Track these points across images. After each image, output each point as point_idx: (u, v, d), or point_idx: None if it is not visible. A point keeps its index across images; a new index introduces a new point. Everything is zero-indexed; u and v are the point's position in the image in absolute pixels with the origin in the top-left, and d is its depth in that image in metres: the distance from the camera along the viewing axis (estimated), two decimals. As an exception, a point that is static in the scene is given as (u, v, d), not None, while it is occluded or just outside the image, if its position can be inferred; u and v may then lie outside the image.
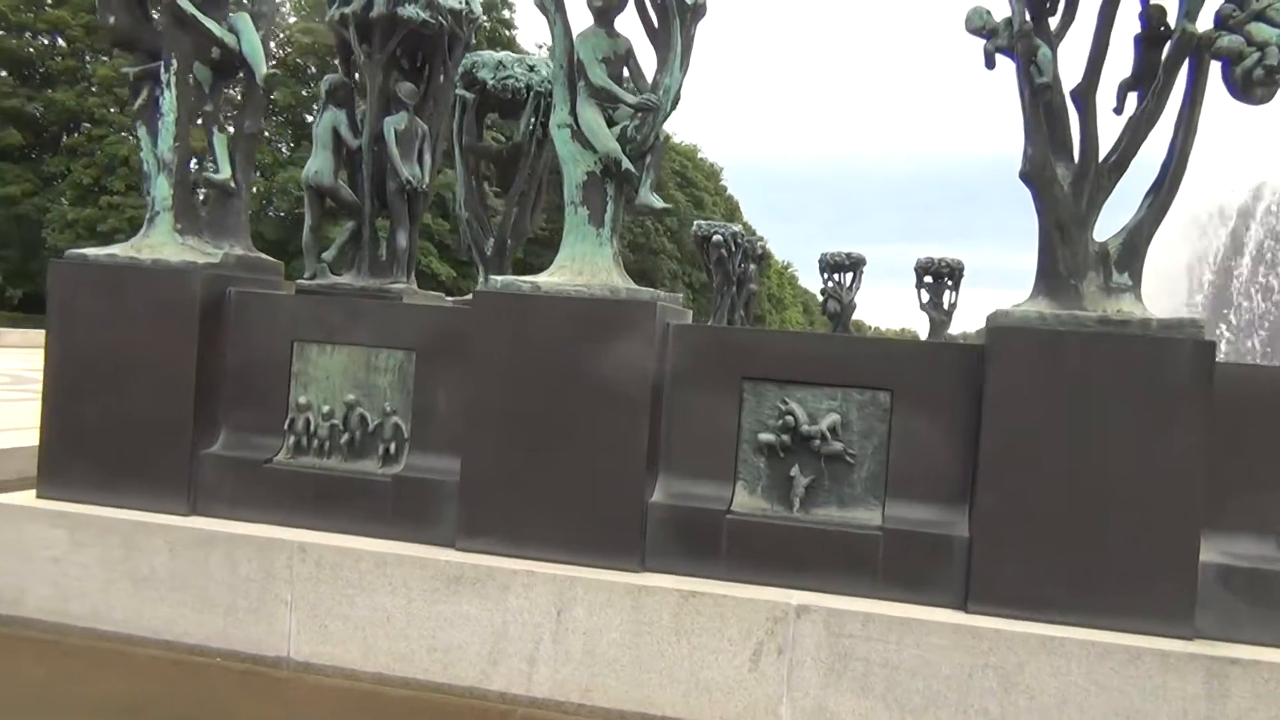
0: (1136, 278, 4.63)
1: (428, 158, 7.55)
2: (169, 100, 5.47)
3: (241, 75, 5.75)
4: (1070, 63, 4.75)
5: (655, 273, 65.69)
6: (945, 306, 24.36)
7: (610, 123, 5.16)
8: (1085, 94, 4.62)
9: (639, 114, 5.08)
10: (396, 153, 7.34)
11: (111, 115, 48.81)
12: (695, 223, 22.03)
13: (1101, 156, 4.63)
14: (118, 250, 5.43)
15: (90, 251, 5.48)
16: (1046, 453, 4.36)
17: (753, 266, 22.68)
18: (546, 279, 4.98)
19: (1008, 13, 4.71)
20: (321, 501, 5.17)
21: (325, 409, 5.32)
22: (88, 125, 50.46)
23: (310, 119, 46.65)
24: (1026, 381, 4.41)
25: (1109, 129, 4.71)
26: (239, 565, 5.00)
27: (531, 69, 9.29)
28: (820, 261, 24.53)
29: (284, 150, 52.39)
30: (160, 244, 5.43)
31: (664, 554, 4.78)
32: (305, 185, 7.68)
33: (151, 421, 5.29)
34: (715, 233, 20.65)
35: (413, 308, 5.52)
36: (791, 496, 4.78)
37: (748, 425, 4.88)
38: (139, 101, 5.71)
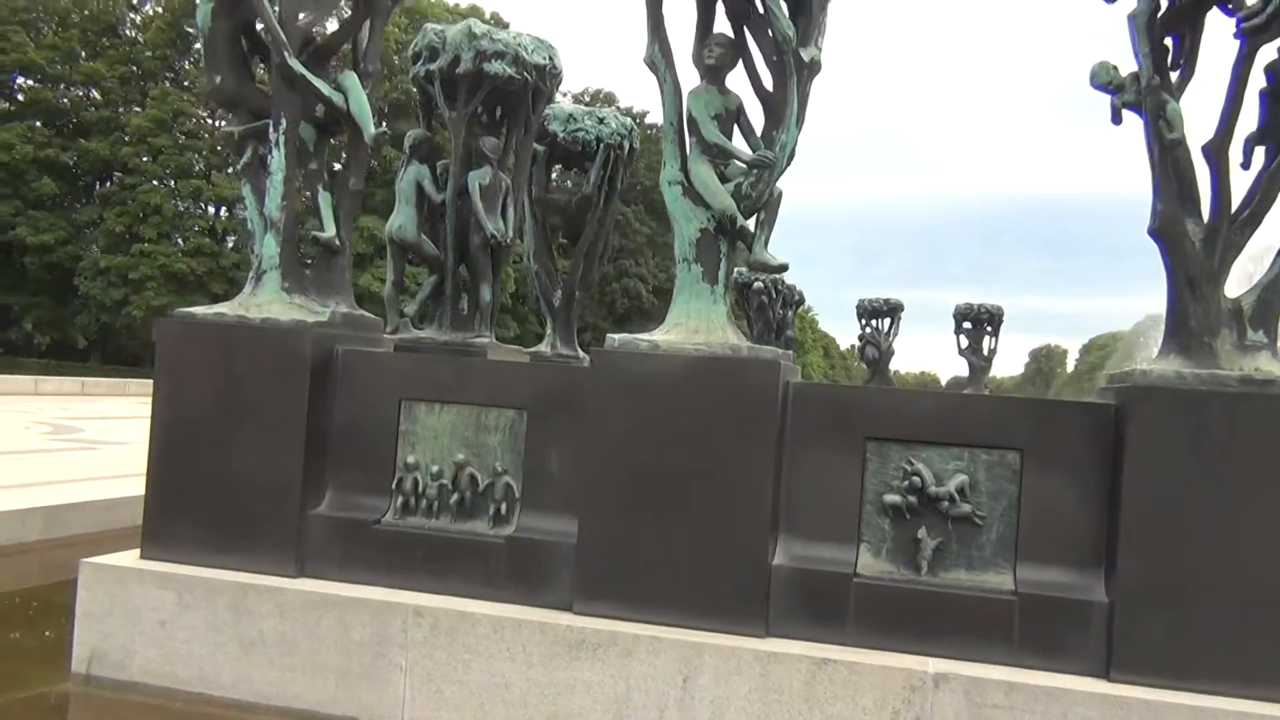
0: (1272, 335, 4.55)
1: (510, 212, 7.58)
2: (278, 159, 5.48)
3: (346, 133, 5.75)
4: (1192, 117, 4.72)
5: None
6: (985, 352, 24.25)
7: (722, 179, 5.14)
8: (1218, 150, 4.57)
9: (754, 171, 5.05)
10: (481, 207, 7.36)
11: (144, 165, 49.50)
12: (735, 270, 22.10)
13: (1232, 212, 4.57)
14: (225, 309, 5.42)
15: (198, 310, 5.48)
16: (1192, 516, 4.26)
17: (790, 313, 22.67)
18: (663, 337, 4.93)
19: (1133, 67, 4.68)
20: (432, 563, 5.09)
21: (434, 468, 5.26)
22: (120, 174, 51.12)
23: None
24: (1169, 443, 4.32)
25: (1238, 184, 4.67)
26: (351, 629, 4.92)
27: (601, 121, 9.33)
28: (858, 308, 24.52)
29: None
30: (268, 302, 5.42)
31: (789, 618, 4.68)
32: (389, 240, 7.71)
33: (260, 481, 5.25)
34: (755, 280, 20.65)
35: (523, 366, 5.49)
36: (919, 559, 4.68)
37: (871, 486, 4.79)
38: (244, 160, 5.74)
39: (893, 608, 4.60)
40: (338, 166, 6.07)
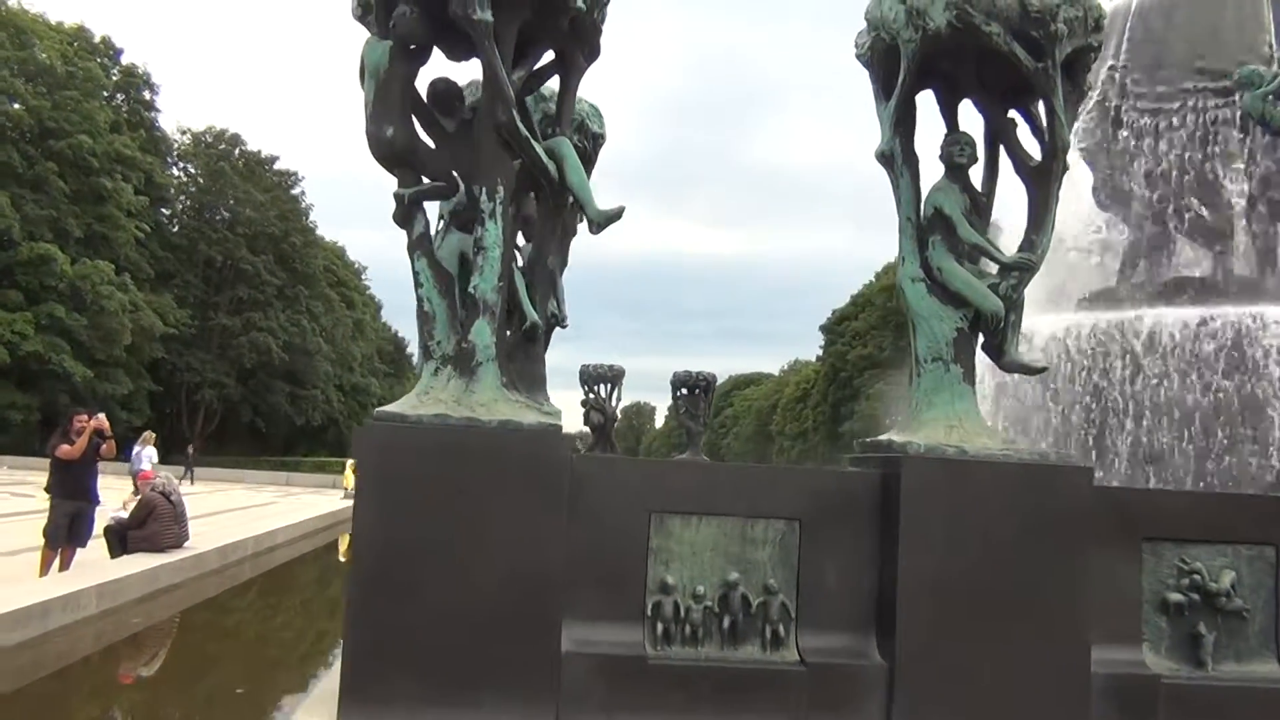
0: None
1: (560, 281, 6.94)
2: (494, 234, 4.67)
3: (542, 204, 5.04)
4: None
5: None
6: (701, 418, 25.45)
7: None
8: None
9: (1012, 272, 5.06)
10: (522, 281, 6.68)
11: None
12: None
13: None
14: (447, 410, 4.49)
15: (409, 411, 4.48)
16: None
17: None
18: (971, 443, 4.77)
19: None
20: (720, 698, 4.52)
21: (698, 589, 4.68)
22: None
23: None
24: None
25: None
26: (656, 786, 4.23)
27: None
28: (581, 373, 24.72)
29: None
30: (492, 400, 4.56)
31: (1105, 726, 4.67)
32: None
33: (504, 615, 4.37)
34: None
35: (793, 472, 5.06)
36: (1201, 655, 4.88)
37: (1148, 585, 4.93)
38: (417, 230, 4.83)
39: (1196, 706, 4.75)
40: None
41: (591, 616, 4.61)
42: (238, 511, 21.29)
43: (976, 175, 5.29)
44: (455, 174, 4.94)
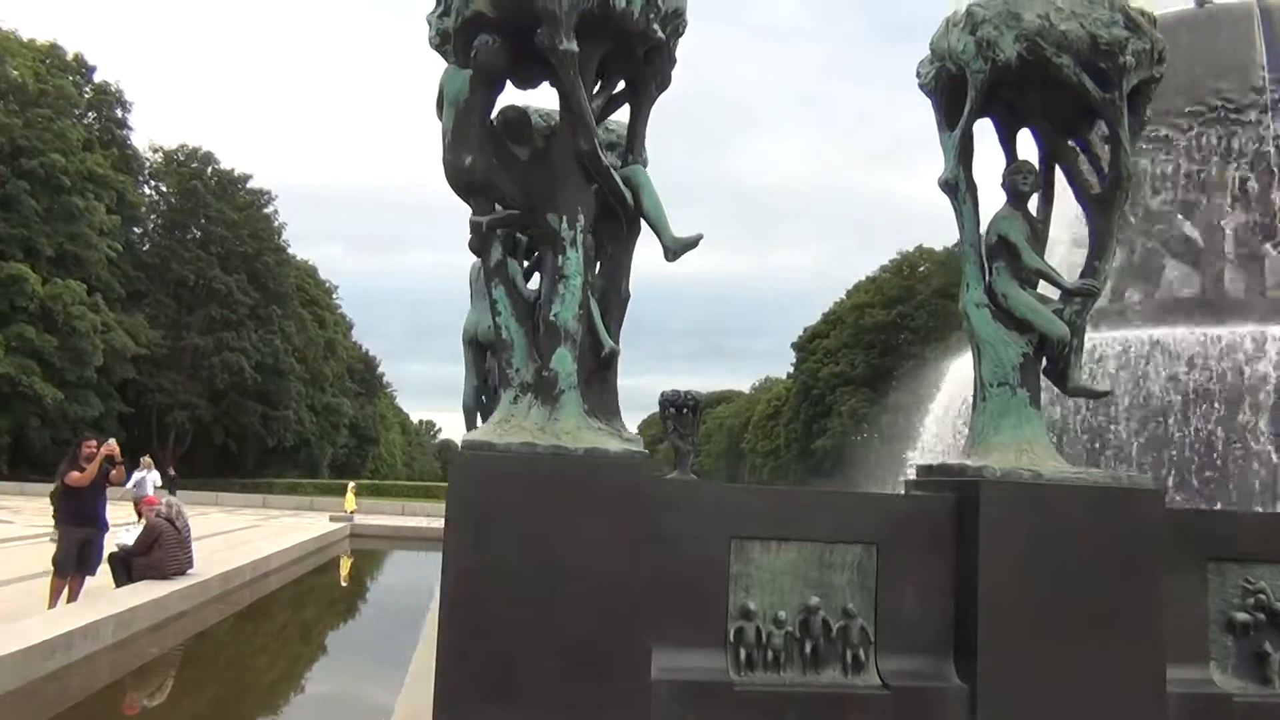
0: None
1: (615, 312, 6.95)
2: (574, 261, 4.70)
3: (611, 230, 5.07)
4: None
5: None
6: (690, 437, 25.42)
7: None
8: None
9: (1076, 298, 5.15)
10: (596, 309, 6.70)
11: None
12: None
13: None
14: (532, 438, 4.49)
15: (495, 439, 4.48)
16: None
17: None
18: (1044, 466, 4.83)
19: None
20: (806, 723, 4.54)
21: (779, 614, 4.71)
22: None
23: None
24: None
25: None
26: (751, 812, 4.24)
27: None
28: (662, 399, 24.60)
29: None
30: (576, 428, 4.57)
31: (1179, 745, 4.74)
32: (469, 340, 6.77)
33: (596, 645, 4.37)
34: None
35: (871, 496, 5.09)
36: (1268, 673, 4.97)
37: (1214, 605, 5.01)
38: (495, 258, 4.85)
39: (1263, 723, 4.83)
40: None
41: (676, 643, 4.61)
42: (221, 536, 21.02)
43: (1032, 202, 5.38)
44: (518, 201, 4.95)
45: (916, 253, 67.40)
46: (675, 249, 5.01)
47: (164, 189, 61.40)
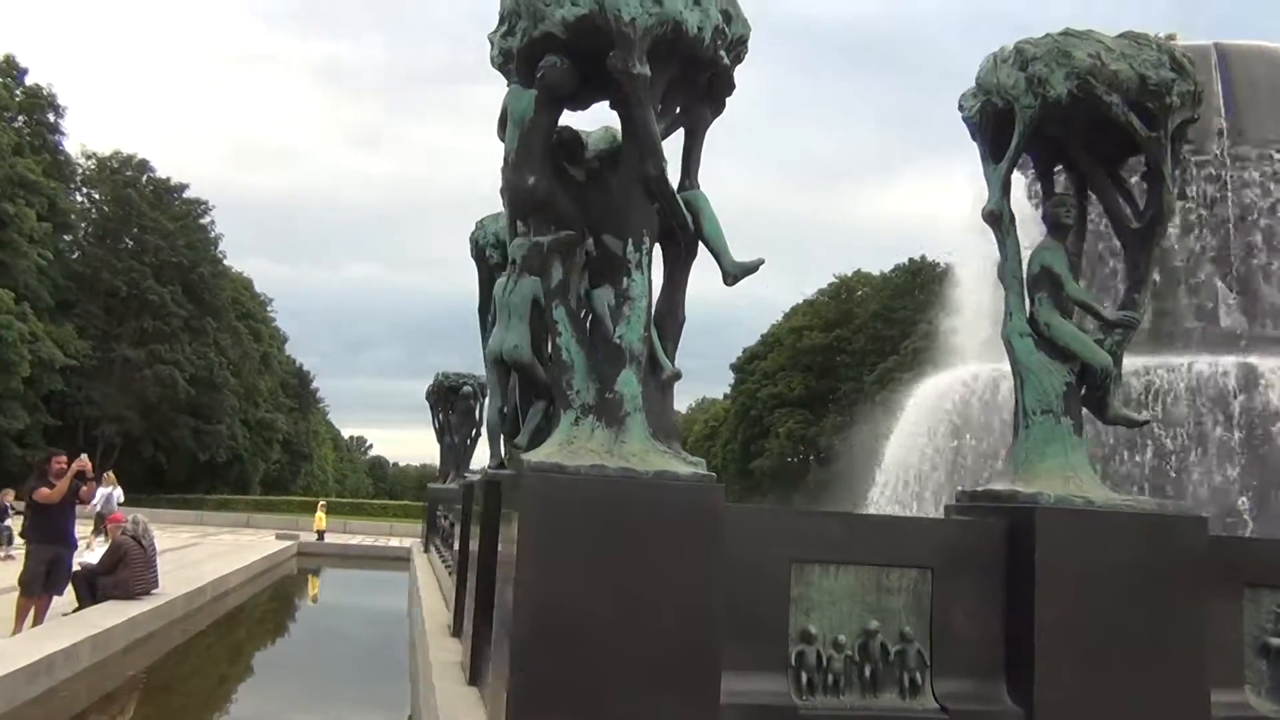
0: None
1: (673, 335, 6.98)
2: (640, 283, 4.71)
3: (673, 253, 5.10)
4: None
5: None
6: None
7: None
8: None
9: (1116, 329, 5.30)
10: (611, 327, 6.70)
11: None
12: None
13: None
14: (601, 460, 4.47)
15: (566, 461, 4.45)
16: None
17: None
18: (1092, 494, 4.94)
19: None
20: (871, 748, 4.57)
21: (839, 638, 4.74)
22: None
23: None
24: None
25: None
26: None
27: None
28: None
29: None
30: (643, 451, 4.56)
31: (1218, 767, 4.86)
32: (495, 361, 6.73)
33: (665, 666, 4.35)
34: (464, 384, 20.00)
35: (925, 521, 5.15)
36: (1299, 697, 5.11)
37: (1248, 630, 5.16)
38: (555, 279, 4.85)
39: (1300, 746, 4.98)
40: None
41: (740, 666, 4.61)
42: (168, 554, 20.47)
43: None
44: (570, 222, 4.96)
45: (854, 277, 68.37)
46: (735, 273, 5.04)
47: (96, 196, 59.91)
